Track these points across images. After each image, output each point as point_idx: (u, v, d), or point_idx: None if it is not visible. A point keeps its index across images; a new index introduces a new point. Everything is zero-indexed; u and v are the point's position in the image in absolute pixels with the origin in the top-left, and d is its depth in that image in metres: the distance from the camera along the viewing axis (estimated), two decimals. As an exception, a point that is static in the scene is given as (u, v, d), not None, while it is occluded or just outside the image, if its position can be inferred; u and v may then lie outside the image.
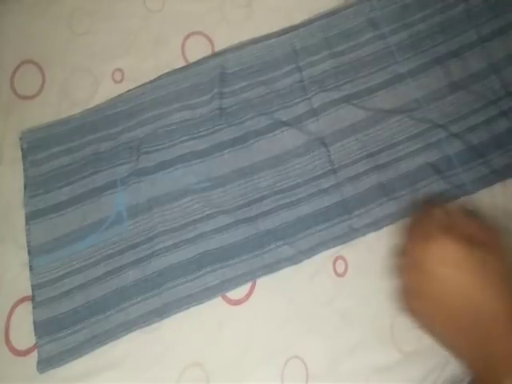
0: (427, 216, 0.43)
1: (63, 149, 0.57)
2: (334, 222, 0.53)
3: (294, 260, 0.52)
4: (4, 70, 0.60)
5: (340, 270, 0.52)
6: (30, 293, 0.52)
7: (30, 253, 0.53)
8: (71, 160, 0.56)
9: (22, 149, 0.57)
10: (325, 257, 0.53)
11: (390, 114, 0.56)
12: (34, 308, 0.51)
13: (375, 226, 0.53)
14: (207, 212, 0.54)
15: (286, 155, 0.55)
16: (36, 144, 0.57)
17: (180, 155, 0.56)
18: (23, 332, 0.51)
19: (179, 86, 0.58)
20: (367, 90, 0.57)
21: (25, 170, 0.56)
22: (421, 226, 0.42)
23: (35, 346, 0.51)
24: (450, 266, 0.37)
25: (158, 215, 0.54)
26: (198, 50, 0.60)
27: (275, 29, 0.60)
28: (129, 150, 0.56)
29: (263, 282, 0.52)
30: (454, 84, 0.57)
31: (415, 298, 0.40)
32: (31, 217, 0.54)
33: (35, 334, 0.51)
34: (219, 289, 0.52)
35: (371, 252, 0.52)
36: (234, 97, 0.58)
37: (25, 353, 0.51)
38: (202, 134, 0.56)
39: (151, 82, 0.59)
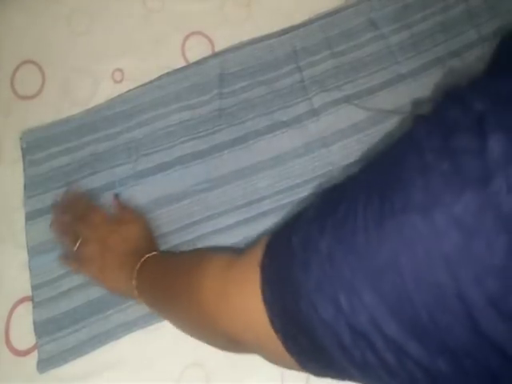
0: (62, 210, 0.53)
1: (62, 149, 0.57)
2: (334, 223, 0.53)
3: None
4: (4, 70, 0.60)
5: (340, 270, 0.52)
6: (29, 293, 0.52)
7: (28, 253, 0.53)
8: (70, 160, 0.56)
9: (21, 149, 0.57)
10: (325, 257, 0.52)
11: (390, 114, 0.56)
12: (33, 308, 0.51)
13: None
14: (207, 213, 0.54)
15: (286, 156, 0.55)
16: (34, 144, 0.57)
17: (179, 156, 0.56)
18: (23, 332, 0.51)
19: (179, 86, 0.58)
20: (368, 90, 0.57)
21: (24, 169, 0.56)
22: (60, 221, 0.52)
23: (35, 346, 0.51)
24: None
25: (157, 217, 0.54)
26: (198, 50, 0.60)
27: (275, 29, 0.60)
28: (127, 151, 0.56)
29: (263, 282, 0.52)
30: (454, 84, 0.57)
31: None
32: (30, 217, 0.55)
33: (35, 334, 0.51)
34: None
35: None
36: (234, 97, 0.58)
37: (25, 353, 0.51)
38: (201, 134, 0.56)
39: (151, 82, 0.59)
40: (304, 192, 0.54)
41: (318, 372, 0.26)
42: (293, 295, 0.24)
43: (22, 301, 0.53)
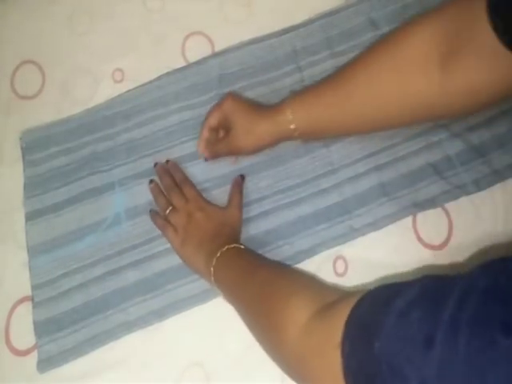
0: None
1: (61, 149, 0.57)
2: (334, 222, 0.53)
3: (294, 260, 0.52)
4: (4, 70, 0.61)
5: (340, 269, 0.52)
6: (29, 293, 0.52)
7: (28, 253, 0.53)
8: (69, 160, 0.56)
9: (21, 148, 0.57)
10: (325, 257, 0.52)
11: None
12: (33, 308, 0.51)
13: (375, 225, 0.53)
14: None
15: (286, 155, 0.55)
16: (34, 144, 0.57)
17: (179, 156, 0.56)
18: (23, 332, 0.51)
19: (178, 86, 0.58)
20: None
21: (24, 169, 0.56)
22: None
23: (35, 346, 0.51)
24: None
25: None
26: (198, 50, 0.60)
27: (275, 29, 0.60)
28: (126, 151, 0.56)
29: (263, 282, 0.52)
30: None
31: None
32: (29, 217, 0.55)
33: (35, 334, 0.51)
34: (220, 289, 0.52)
35: (371, 252, 0.52)
36: None
37: (25, 353, 0.51)
38: None
39: (151, 82, 0.59)
40: (304, 192, 0.54)
41: None
42: None
43: (21, 301, 0.53)
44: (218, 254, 0.47)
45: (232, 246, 0.48)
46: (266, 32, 0.60)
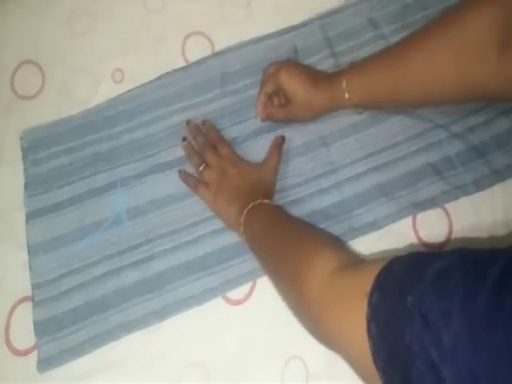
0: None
1: (64, 148, 0.57)
2: (333, 222, 0.53)
3: (294, 260, 0.52)
4: (4, 70, 0.61)
5: (340, 270, 0.52)
6: (29, 293, 0.52)
7: (29, 252, 0.53)
8: (71, 159, 0.56)
9: (22, 148, 0.57)
10: (325, 257, 0.52)
11: (390, 113, 0.56)
12: (33, 307, 0.51)
13: (375, 225, 0.53)
14: (208, 214, 0.54)
15: (286, 155, 0.55)
16: (37, 143, 0.57)
17: (181, 156, 0.56)
18: (23, 332, 0.51)
19: (180, 85, 0.58)
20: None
21: (25, 169, 0.56)
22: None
23: (35, 346, 0.51)
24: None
25: (158, 217, 0.54)
26: (198, 50, 0.60)
27: (275, 29, 0.60)
28: (129, 151, 0.56)
29: (263, 281, 0.52)
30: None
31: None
32: (31, 216, 0.55)
33: (35, 334, 0.51)
34: (220, 290, 0.52)
35: (371, 252, 0.52)
36: (238, 95, 0.58)
37: (25, 353, 0.51)
38: None
39: (153, 81, 0.59)
40: (304, 192, 0.54)
41: None
42: (403, 356, 0.25)
43: (22, 301, 0.53)
44: (250, 206, 0.48)
45: (265, 200, 0.49)
46: (266, 32, 0.60)
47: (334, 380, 0.50)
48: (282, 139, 0.55)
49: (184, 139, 0.55)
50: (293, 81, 0.52)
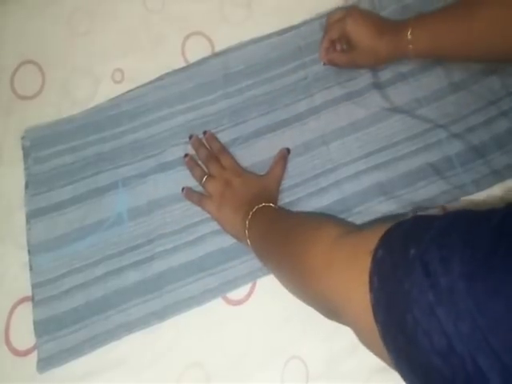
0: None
1: (67, 147, 0.57)
2: (333, 222, 0.53)
3: (294, 260, 0.52)
4: (4, 70, 0.61)
5: (340, 270, 0.52)
6: (29, 293, 0.52)
7: (30, 251, 0.53)
8: (74, 159, 0.56)
9: (23, 147, 0.57)
10: (325, 257, 0.52)
11: (390, 113, 0.56)
12: (33, 307, 0.51)
13: (375, 225, 0.53)
14: (208, 215, 0.54)
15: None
16: (39, 141, 0.57)
17: (182, 157, 0.56)
18: (23, 332, 0.51)
19: (183, 86, 0.58)
20: (369, 88, 0.57)
21: (27, 168, 0.56)
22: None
23: (35, 346, 0.51)
24: None
25: (159, 218, 0.54)
26: (198, 50, 0.60)
27: (275, 29, 0.60)
28: (131, 151, 0.56)
29: (263, 282, 0.52)
30: (454, 84, 0.57)
31: None
32: (32, 215, 0.54)
33: (35, 333, 0.51)
34: (220, 290, 0.52)
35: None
36: (241, 95, 0.58)
37: (25, 353, 0.51)
38: None
39: (154, 82, 0.59)
40: (304, 191, 0.54)
41: (406, 373, 0.27)
42: (401, 303, 0.25)
43: (22, 301, 0.53)
44: (255, 209, 0.48)
45: (269, 204, 0.49)
46: (266, 32, 0.60)
47: (334, 380, 0.50)
48: (288, 151, 0.55)
49: (186, 156, 0.56)
50: (359, 28, 0.52)
